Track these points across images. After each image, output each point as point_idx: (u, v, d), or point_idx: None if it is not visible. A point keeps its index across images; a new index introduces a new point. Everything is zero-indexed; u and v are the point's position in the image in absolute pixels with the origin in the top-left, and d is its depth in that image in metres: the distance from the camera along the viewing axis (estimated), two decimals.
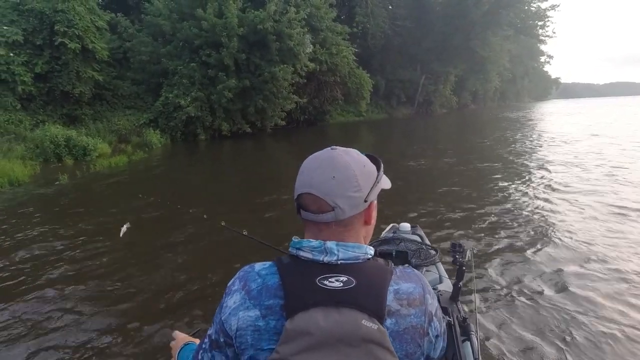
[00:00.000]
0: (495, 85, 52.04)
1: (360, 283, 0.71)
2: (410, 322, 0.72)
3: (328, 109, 24.08)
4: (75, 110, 14.36)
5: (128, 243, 4.31)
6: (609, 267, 3.49)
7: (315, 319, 0.68)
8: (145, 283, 3.48)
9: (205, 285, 3.41)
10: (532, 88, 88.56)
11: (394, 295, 0.72)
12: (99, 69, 14.72)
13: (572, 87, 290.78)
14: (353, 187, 0.73)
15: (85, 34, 13.23)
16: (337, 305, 0.69)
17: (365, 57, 31.28)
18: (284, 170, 9.96)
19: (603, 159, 8.91)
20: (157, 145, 14.14)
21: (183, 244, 4.41)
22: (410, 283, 0.75)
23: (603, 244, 4.01)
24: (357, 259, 0.74)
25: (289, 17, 15.74)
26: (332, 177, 0.73)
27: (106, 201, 6.64)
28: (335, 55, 20.84)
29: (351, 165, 0.74)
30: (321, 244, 0.73)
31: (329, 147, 0.80)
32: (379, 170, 0.80)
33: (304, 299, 0.70)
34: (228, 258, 3.96)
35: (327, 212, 0.73)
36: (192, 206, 4.37)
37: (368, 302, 0.69)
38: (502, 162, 9.35)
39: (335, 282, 0.71)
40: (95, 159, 10.55)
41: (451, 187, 6.76)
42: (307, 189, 0.74)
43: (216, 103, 15.86)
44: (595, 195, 5.89)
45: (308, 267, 0.73)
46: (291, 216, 5.13)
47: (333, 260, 0.72)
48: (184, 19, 16.36)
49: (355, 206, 0.74)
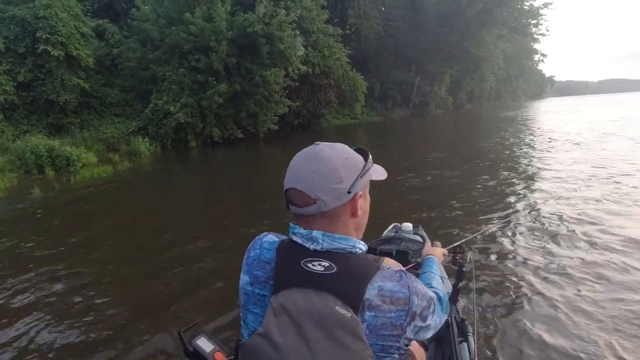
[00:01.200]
0: (490, 84, 51.98)
1: (340, 271, 0.74)
2: (389, 319, 0.73)
3: (322, 113, 23.71)
4: (61, 120, 13.94)
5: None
6: (613, 272, 3.34)
7: (294, 299, 0.73)
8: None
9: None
10: (528, 87, 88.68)
11: (377, 291, 0.73)
12: (85, 76, 14.31)
13: (566, 84, 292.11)
14: (334, 179, 0.75)
15: (69, 40, 12.84)
16: (315, 288, 0.73)
17: (359, 59, 31.00)
18: (276, 177, 9.58)
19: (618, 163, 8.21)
20: (146, 154, 13.73)
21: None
22: (396, 284, 0.76)
23: (613, 249, 3.79)
24: (343, 250, 0.77)
25: (279, 19, 15.39)
26: (313, 171, 0.75)
27: (62, 229, 5.54)
28: (328, 58, 20.52)
29: (332, 158, 0.76)
30: (309, 232, 0.77)
31: (314, 143, 0.82)
32: (366, 161, 0.82)
33: (288, 279, 0.75)
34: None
35: (310, 204, 0.75)
36: (163, 231, 4.00)
37: (345, 291, 0.72)
38: (505, 163, 9.04)
39: (317, 266, 0.74)
40: (79, 170, 10.13)
41: (454, 189, 6.66)
42: (292, 184, 0.78)
43: (207, 109, 15.48)
44: (607, 203, 5.44)
45: (298, 250, 0.77)
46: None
47: (318, 248, 0.76)
48: (172, 23, 15.99)
49: (338, 198, 0.76)
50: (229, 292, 3.25)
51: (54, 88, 12.96)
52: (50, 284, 3.62)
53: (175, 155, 14.42)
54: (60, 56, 12.65)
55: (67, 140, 12.79)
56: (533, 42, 49.66)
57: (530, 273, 3.42)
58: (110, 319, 2.99)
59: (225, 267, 3.80)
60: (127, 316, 3.03)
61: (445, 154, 10.72)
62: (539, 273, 3.41)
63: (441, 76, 39.13)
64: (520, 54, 64.36)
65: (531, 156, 9.72)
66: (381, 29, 31.46)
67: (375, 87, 32.61)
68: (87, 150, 12.44)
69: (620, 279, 3.22)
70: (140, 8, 16.17)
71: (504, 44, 41.49)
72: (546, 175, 7.48)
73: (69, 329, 2.88)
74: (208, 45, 15.15)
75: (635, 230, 4.21)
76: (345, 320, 0.70)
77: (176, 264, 3.95)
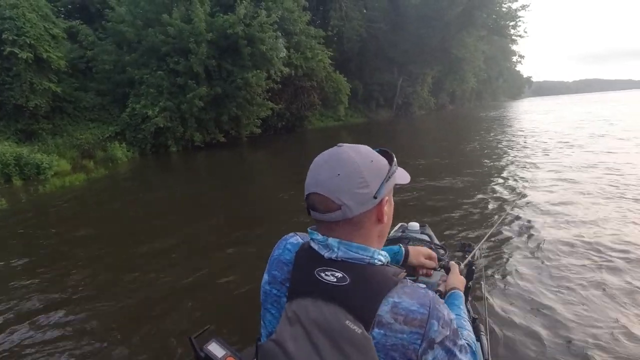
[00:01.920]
0: (472, 85, 52.74)
1: (354, 283, 0.69)
2: (400, 340, 0.67)
3: (306, 115, 23.45)
4: (32, 125, 13.23)
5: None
6: (622, 273, 3.27)
7: (307, 309, 0.70)
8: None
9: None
10: (507, 87, 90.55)
11: (390, 307, 0.68)
12: (57, 80, 13.66)
13: (544, 85, 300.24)
14: (359, 183, 0.71)
15: (38, 42, 12.21)
16: (326, 299, 0.69)
17: (342, 61, 30.91)
18: (260, 182, 9.27)
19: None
20: (123, 160, 13.18)
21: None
22: (416, 301, 0.69)
23: (621, 249, 3.72)
24: (361, 261, 0.73)
25: (259, 20, 15.06)
26: (337, 175, 0.71)
27: (24, 243, 5.12)
28: (311, 60, 20.28)
29: (357, 161, 0.72)
30: (325, 239, 0.74)
31: (337, 144, 0.77)
32: (390, 164, 0.78)
33: (301, 286, 0.73)
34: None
35: (334, 210, 0.71)
36: (138, 243, 3.67)
37: (357, 304, 0.68)
38: (505, 164, 8.97)
39: (330, 276, 0.71)
40: (50, 178, 9.56)
41: (460, 188, 6.60)
42: (314, 189, 0.73)
43: (187, 112, 15.00)
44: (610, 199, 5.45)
45: (314, 257, 0.74)
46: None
47: (333, 257, 0.72)
48: (149, 25, 15.46)
49: (364, 203, 0.72)
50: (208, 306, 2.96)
51: (22, 92, 12.29)
52: (25, 300, 3.34)
53: (155, 161, 13.91)
54: (29, 59, 12.00)
55: (38, 147, 12.15)
56: (511, 44, 50.76)
57: (540, 270, 3.36)
58: (92, 334, 2.79)
59: (186, 285, 3.49)
60: (104, 332, 2.81)
61: (435, 158, 10.57)
62: (549, 270, 3.35)
63: (423, 77, 39.47)
64: (499, 56, 65.70)
65: (525, 156, 9.67)
66: (363, 31, 31.44)
67: (359, 89, 32.58)
68: (60, 157, 11.83)
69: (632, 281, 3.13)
70: (115, 9, 15.57)
71: (483, 45, 42.15)
72: (545, 174, 7.43)
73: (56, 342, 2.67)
74: (187, 47, 14.70)
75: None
76: (355, 336, 0.66)
77: (148, 278, 3.65)
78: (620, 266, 3.36)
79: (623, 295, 2.90)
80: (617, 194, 5.59)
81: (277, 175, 10.57)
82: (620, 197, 5.44)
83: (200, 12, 14.64)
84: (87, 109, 15.78)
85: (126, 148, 14.06)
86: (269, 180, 9.76)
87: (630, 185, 6.03)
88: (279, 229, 4.94)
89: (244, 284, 3.38)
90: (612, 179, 6.52)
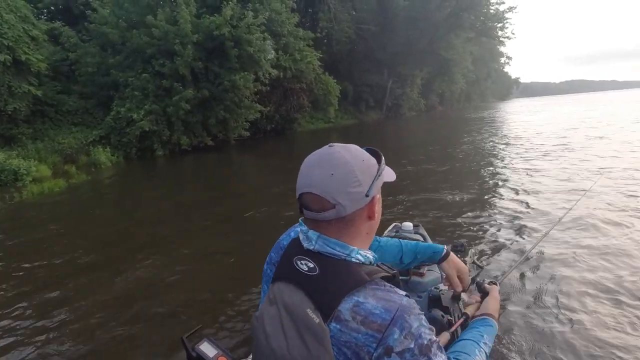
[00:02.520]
0: (461, 86, 53.09)
1: (322, 275, 0.72)
2: (354, 339, 0.67)
3: (295, 117, 23.25)
4: (11, 130, 12.81)
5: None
6: (612, 273, 3.24)
7: (282, 292, 0.75)
8: None
9: None
10: (496, 89, 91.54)
11: (352, 306, 0.69)
12: (37, 83, 13.26)
13: (531, 86, 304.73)
14: (353, 182, 0.72)
15: (17, 44, 11.82)
16: (297, 286, 0.73)
17: (331, 63, 30.81)
18: (247, 186, 9.03)
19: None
20: (107, 165, 12.83)
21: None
22: (381, 305, 0.68)
23: (612, 249, 3.69)
24: (336, 256, 0.74)
25: (246, 22, 14.83)
26: (331, 174, 0.72)
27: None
28: (300, 62, 20.10)
29: (349, 161, 0.73)
30: (306, 230, 0.76)
31: (328, 144, 0.78)
32: (379, 163, 0.79)
33: (282, 271, 0.78)
34: None
35: (329, 209, 0.72)
36: (119, 252, 3.45)
37: (320, 296, 0.70)
38: (502, 165, 8.87)
39: (303, 265, 0.74)
40: (28, 185, 9.21)
41: (453, 188, 6.58)
42: (308, 188, 0.74)
43: (173, 115, 14.69)
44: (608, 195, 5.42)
45: (297, 245, 0.78)
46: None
47: (310, 248, 0.75)
48: (133, 27, 15.14)
49: (357, 201, 0.73)
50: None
51: (0, 96, 11.89)
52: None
53: (140, 165, 13.58)
54: (7, 61, 11.60)
55: (17, 152, 11.74)
56: (499, 45, 51.45)
57: (533, 268, 3.35)
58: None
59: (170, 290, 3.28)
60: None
61: (429, 163, 10.43)
62: (544, 269, 3.33)
63: (412, 78, 39.59)
64: (487, 57, 66.40)
65: (517, 157, 9.58)
66: (352, 33, 31.39)
67: (349, 91, 32.50)
68: (40, 162, 11.46)
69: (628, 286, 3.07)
70: (98, 10, 15.20)
71: (472, 47, 42.47)
72: (544, 173, 7.41)
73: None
74: (172, 49, 14.41)
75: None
76: (313, 325, 0.69)
77: (133, 280, 3.41)
78: (624, 274, 3.24)
79: (624, 298, 2.84)
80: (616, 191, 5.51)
81: (265, 177, 10.37)
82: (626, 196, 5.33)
83: (185, 13, 14.38)
84: (70, 113, 15.38)
85: (110, 152, 13.70)
86: (257, 182, 9.57)
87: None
88: (265, 232, 4.95)
89: (234, 286, 3.32)
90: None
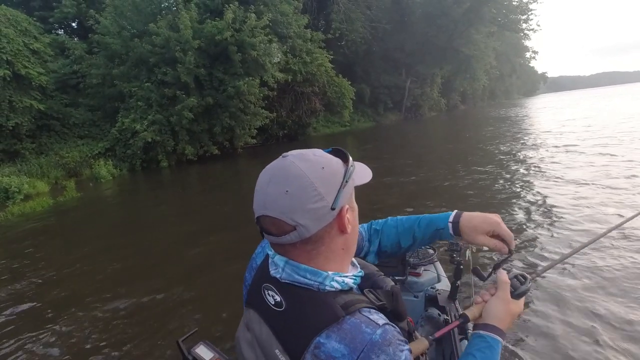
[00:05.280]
0: (483, 84, 50.93)
1: (289, 312, 0.64)
2: None
3: (309, 122, 22.49)
4: (14, 145, 12.67)
5: None
6: (609, 273, 3.12)
7: (253, 322, 0.70)
8: None
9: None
10: (521, 84, 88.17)
11: (312, 348, 0.60)
12: (40, 97, 13.07)
13: (559, 80, 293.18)
14: (312, 197, 0.62)
15: (16, 58, 11.64)
16: (265, 320, 0.67)
17: (346, 65, 29.96)
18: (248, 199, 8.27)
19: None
20: (108, 178, 12.42)
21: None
22: (344, 345, 0.59)
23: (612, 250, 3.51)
24: (308, 286, 0.65)
25: (249, 24, 14.20)
26: (285, 192, 0.62)
27: None
28: (310, 64, 19.35)
29: (304, 173, 0.63)
30: (274, 254, 0.69)
31: (281, 155, 0.68)
32: (347, 165, 0.68)
33: (252, 298, 0.71)
34: None
35: (289, 232, 0.63)
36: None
37: (287, 337, 0.63)
38: (503, 164, 8.05)
39: (270, 297, 0.67)
40: (16, 204, 8.78)
41: (451, 187, 6.40)
42: (262, 211, 0.65)
43: (177, 125, 14.22)
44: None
45: (265, 270, 0.71)
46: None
47: (277, 277, 0.67)
48: (136, 36, 14.82)
49: (320, 218, 0.63)
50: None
51: (1, 111, 11.72)
52: None
53: (143, 178, 13.11)
54: (7, 75, 11.44)
55: (17, 168, 11.50)
56: (524, 39, 48.95)
57: (529, 268, 3.24)
58: None
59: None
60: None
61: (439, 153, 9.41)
62: (538, 267, 3.15)
63: (432, 78, 38.16)
64: (510, 52, 63.58)
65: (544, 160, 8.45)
66: (367, 33, 30.41)
67: (365, 93, 31.52)
68: (39, 178, 11.17)
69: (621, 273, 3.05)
70: (101, 21, 14.97)
71: (494, 42, 40.42)
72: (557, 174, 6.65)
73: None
74: (174, 57, 13.95)
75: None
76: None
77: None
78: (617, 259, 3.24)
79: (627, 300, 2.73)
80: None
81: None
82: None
83: (185, 19, 13.90)
84: (77, 126, 15.22)
85: (113, 165, 13.36)
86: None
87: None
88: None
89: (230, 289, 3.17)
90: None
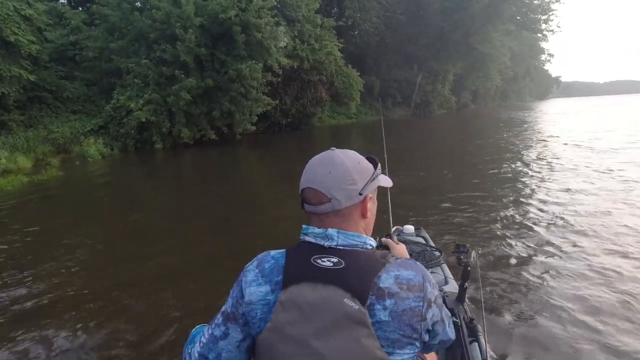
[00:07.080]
0: (496, 84, 49.74)
1: (349, 265, 0.76)
2: (408, 305, 0.75)
3: (314, 112, 21.72)
4: (1, 116, 12.05)
5: None
6: (618, 276, 3.11)
7: (304, 293, 0.75)
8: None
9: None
10: (534, 87, 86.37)
11: (394, 280, 0.76)
12: (31, 67, 12.41)
13: (572, 85, 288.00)
14: (348, 180, 0.80)
15: (5, 23, 10.94)
16: (324, 282, 0.75)
17: (357, 56, 29.03)
18: (250, 186, 7.66)
19: None
20: (97, 157, 11.83)
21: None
22: (411, 271, 0.79)
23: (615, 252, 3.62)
24: (355, 247, 0.80)
25: (256, 4, 13.40)
26: (329, 172, 0.80)
27: None
28: (319, 51, 18.53)
29: (346, 163, 0.81)
30: (324, 231, 0.80)
31: (330, 148, 0.86)
32: (375, 168, 0.87)
33: (297, 274, 0.77)
34: None
35: (325, 203, 0.80)
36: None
37: (353, 284, 0.74)
38: (510, 165, 7.72)
39: (326, 261, 0.77)
40: None
41: (457, 191, 6.36)
42: (309, 184, 0.81)
43: (174, 106, 13.55)
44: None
45: (309, 249, 0.80)
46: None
47: (332, 245, 0.79)
48: (137, 9, 14.07)
49: (350, 198, 0.80)
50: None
51: None
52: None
53: (134, 159, 12.51)
54: None
55: (3, 140, 10.91)
56: (541, 41, 47.48)
57: (538, 271, 3.32)
58: None
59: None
60: None
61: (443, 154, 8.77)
62: (547, 271, 3.31)
63: (444, 74, 37.13)
64: (526, 53, 61.96)
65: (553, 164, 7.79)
66: (381, 23, 29.38)
67: (375, 86, 30.64)
68: (24, 153, 10.58)
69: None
70: None
71: (511, 41, 39.12)
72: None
73: None
74: (175, 33, 13.22)
75: None
76: (353, 312, 0.72)
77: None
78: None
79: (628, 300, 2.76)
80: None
81: (269, 178, 9.06)
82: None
83: None
84: (71, 100, 14.58)
85: (104, 144, 12.75)
86: (260, 184, 8.27)
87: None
88: (265, 236, 4.66)
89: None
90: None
